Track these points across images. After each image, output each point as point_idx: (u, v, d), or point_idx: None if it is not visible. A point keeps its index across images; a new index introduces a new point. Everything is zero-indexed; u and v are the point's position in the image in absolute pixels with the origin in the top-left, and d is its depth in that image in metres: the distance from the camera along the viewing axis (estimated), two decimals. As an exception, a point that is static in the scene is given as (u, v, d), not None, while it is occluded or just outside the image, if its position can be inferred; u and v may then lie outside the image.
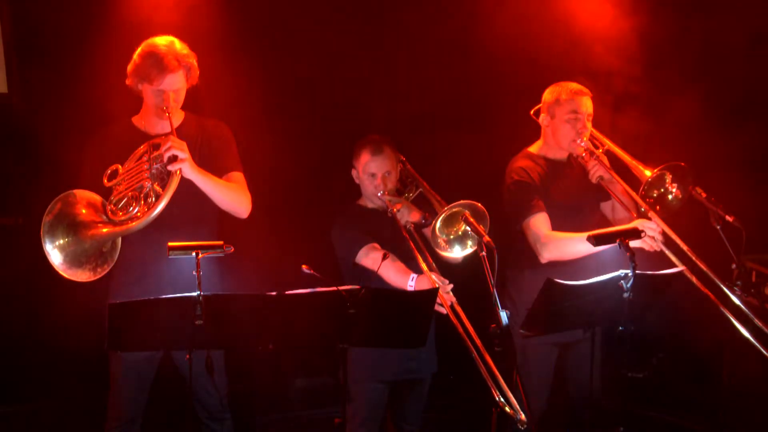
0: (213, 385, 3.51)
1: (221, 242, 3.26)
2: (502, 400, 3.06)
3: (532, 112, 4.08)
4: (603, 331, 3.59)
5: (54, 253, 3.40)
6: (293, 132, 5.23)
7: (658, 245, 3.62)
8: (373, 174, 3.78)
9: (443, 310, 3.43)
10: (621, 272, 3.36)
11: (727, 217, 3.75)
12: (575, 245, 3.67)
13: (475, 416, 5.01)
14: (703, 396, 4.86)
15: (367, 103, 5.19)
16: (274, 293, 3.14)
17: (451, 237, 3.52)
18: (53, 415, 4.94)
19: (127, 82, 3.64)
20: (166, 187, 3.42)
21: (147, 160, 3.52)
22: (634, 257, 3.34)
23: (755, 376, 4.39)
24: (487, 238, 3.29)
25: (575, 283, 3.35)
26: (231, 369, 3.80)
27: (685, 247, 3.68)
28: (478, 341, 3.24)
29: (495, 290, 3.19)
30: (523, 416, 2.98)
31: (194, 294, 3.07)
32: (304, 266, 3.25)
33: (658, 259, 3.66)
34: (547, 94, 3.97)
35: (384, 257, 3.52)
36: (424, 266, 3.49)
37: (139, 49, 3.60)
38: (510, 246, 3.92)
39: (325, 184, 5.08)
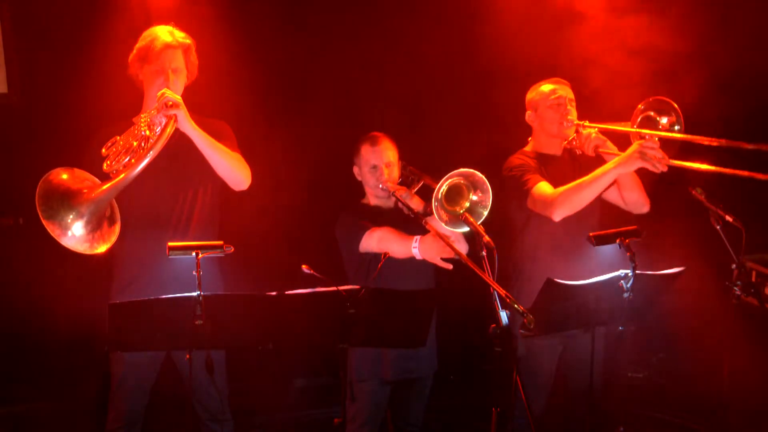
0: (213, 385, 3.50)
1: (221, 242, 3.26)
2: (514, 305, 2.97)
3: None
4: (603, 331, 3.58)
5: (58, 229, 3.28)
6: (294, 132, 5.22)
7: (663, 163, 3.54)
8: (375, 166, 3.79)
9: (449, 266, 3.47)
10: (621, 272, 3.37)
11: (727, 217, 3.75)
12: (581, 192, 3.64)
13: (475, 416, 5.01)
14: (703, 396, 4.85)
15: (369, 102, 5.18)
16: (274, 293, 3.14)
17: (459, 211, 3.42)
18: (54, 416, 4.94)
19: (129, 71, 3.67)
20: (159, 134, 3.38)
21: (142, 117, 3.50)
22: (634, 257, 3.34)
23: (755, 376, 4.39)
24: (486, 238, 3.24)
25: (575, 283, 3.35)
26: (231, 369, 3.80)
27: (680, 136, 3.62)
28: (488, 274, 3.18)
29: (495, 290, 3.19)
30: (530, 315, 2.92)
31: (194, 294, 3.07)
32: (304, 266, 3.26)
33: (656, 259, 3.66)
34: (529, 93, 4.05)
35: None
36: (432, 227, 3.43)
37: (139, 39, 3.66)
38: (510, 246, 3.92)
39: (325, 184, 5.07)
